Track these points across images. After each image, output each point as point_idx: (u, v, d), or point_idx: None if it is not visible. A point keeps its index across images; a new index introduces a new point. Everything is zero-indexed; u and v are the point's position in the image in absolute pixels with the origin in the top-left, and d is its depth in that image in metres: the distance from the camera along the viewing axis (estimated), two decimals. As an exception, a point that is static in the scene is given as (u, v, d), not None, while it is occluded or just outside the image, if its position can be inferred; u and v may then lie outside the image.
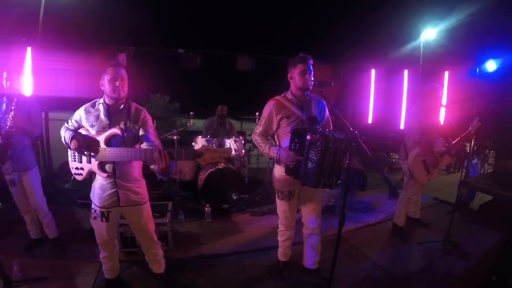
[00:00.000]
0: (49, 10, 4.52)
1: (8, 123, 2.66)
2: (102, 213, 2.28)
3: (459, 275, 2.96)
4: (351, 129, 2.07)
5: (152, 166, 2.13)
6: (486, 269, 3.20)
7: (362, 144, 2.05)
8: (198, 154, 1.94)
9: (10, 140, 2.74)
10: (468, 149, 3.88)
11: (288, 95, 2.51)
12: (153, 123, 2.54)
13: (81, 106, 2.29)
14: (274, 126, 2.49)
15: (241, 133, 5.12)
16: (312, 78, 2.38)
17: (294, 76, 2.42)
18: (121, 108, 2.24)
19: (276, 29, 5.49)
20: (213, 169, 4.17)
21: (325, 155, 2.14)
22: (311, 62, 2.41)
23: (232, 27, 5.43)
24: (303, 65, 2.37)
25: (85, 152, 2.16)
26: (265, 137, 2.55)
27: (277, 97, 2.51)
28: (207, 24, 5.42)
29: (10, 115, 2.66)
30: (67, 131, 2.19)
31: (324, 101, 2.57)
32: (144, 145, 2.22)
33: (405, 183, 3.66)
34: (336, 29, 5.54)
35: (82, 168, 2.25)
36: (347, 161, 2.22)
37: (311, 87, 2.41)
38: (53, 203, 3.60)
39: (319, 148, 2.14)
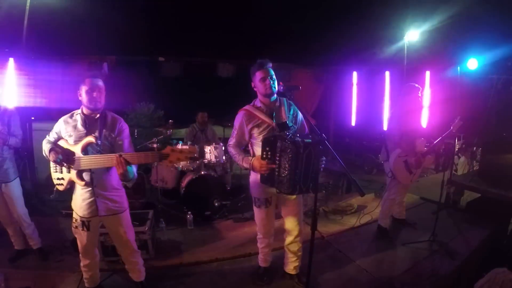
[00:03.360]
0: (32, 22, 4.52)
1: None
2: (83, 222, 2.30)
3: (446, 275, 2.95)
4: (318, 132, 2.07)
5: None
6: (474, 267, 3.21)
7: (329, 146, 2.06)
8: (164, 155, 1.97)
9: None
10: (456, 147, 3.90)
11: (257, 103, 2.50)
12: (135, 132, 2.57)
13: (63, 115, 2.33)
14: (246, 136, 2.49)
15: (223, 139, 5.13)
16: (275, 83, 2.37)
17: (256, 83, 2.42)
18: (97, 118, 2.27)
19: (256, 35, 5.47)
20: (193, 176, 4.17)
21: (297, 161, 2.13)
22: (270, 66, 2.40)
23: (212, 34, 5.42)
24: (262, 72, 2.36)
25: (64, 163, 2.20)
26: (239, 148, 2.54)
27: (246, 107, 2.51)
28: (187, 31, 5.41)
29: None
30: (47, 144, 2.26)
31: (294, 104, 2.54)
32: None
33: (388, 184, 3.66)
34: (317, 32, 5.55)
35: (62, 178, 2.29)
36: (322, 165, 2.22)
37: (275, 93, 2.40)
38: (38, 214, 3.63)
39: (289, 156, 2.14)
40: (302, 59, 5.95)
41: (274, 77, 2.39)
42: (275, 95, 2.46)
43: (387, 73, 6.40)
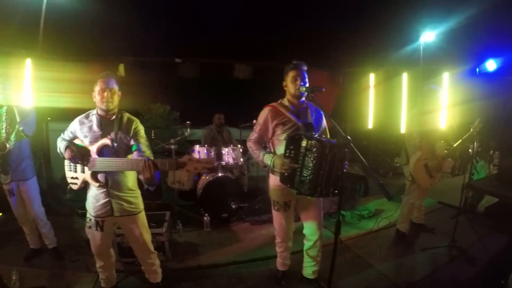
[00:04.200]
0: (48, 22, 4.57)
1: (3, 135, 2.74)
2: (97, 222, 2.29)
3: (466, 281, 2.87)
4: (344, 135, 2.03)
5: (139, 176, 2.14)
6: (493, 273, 3.11)
7: (355, 149, 2.00)
8: (181, 164, 1.94)
9: (3, 151, 2.77)
10: (471, 150, 3.81)
11: (284, 102, 2.49)
12: (152, 133, 2.55)
13: (78, 115, 2.33)
14: (269, 133, 2.46)
15: (240, 141, 5.11)
16: (306, 85, 2.37)
17: (287, 83, 2.43)
18: (113, 119, 2.27)
19: (273, 36, 5.45)
20: (211, 178, 4.15)
21: (322, 162, 2.08)
22: (305, 68, 2.40)
23: (229, 35, 5.42)
24: (294, 72, 2.38)
25: (78, 161, 2.19)
26: (259, 144, 2.51)
27: (273, 104, 2.50)
28: (204, 33, 5.41)
29: (3, 126, 2.75)
30: (62, 142, 2.26)
31: (321, 111, 2.53)
32: (135, 155, 2.23)
33: (407, 188, 3.59)
34: (334, 34, 5.51)
35: (77, 178, 2.29)
36: (345, 169, 2.17)
37: (304, 94, 2.39)
38: (54, 213, 3.64)
39: (315, 155, 2.09)
40: (318, 61, 5.88)
41: (306, 79, 2.38)
42: (304, 97, 2.45)
43: (404, 75, 6.29)
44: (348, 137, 1.99)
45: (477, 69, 5.46)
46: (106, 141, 2.16)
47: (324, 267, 2.66)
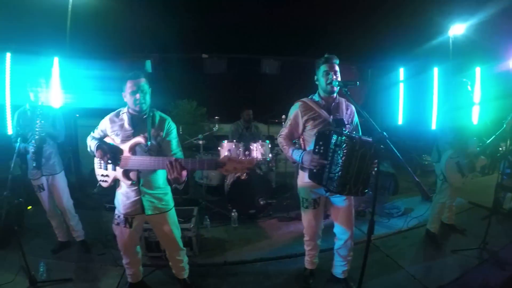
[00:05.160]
0: (75, 21, 4.68)
1: (37, 130, 2.84)
2: (126, 219, 2.30)
3: (496, 286, 2.75)
4: (379, 130, 1.95)
5: (168, 176, 2.12)
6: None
7: (392, 146, 1.92)
8: (220, 164, 1.90)
9: (43, 145, 2.93)
10: (501, 149, 3.63)
11: (315, 97, 2.44)
12: (180, 129, 2.55)
13: (108, 112, 2.33)
14: (300, 128, 2.41)
15: (268, 137, 5.09)
16: (338, 79, 2.30)
17: (319, 77, 2.37)
18: (145, 117, 2.25)
19: (300, 31, 5.35)
20: (239, 174, 4.11)
21: (351, 159, 2.02)
22: (336, 62, 2.34)
23: (256, 30, 5.37)
24: (326, 66, 2.31)
25: (110, 160, 2.19)
26: (290, 140, 2.48)
27: (304, 99, 2.45)
28: (231, 28, 5.38)
29: (38, 123, 2.84)
30: (93, 140, 2.26)
31: (353, 106, 2.47)
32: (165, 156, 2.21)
33: (438, 187, 3.45)
34: (362, 28, 5.36)
35: (107, 175, 2.29)
36: (375, 168, 2.10)
37: (336, 89, 2.33)
38: (82, 207, 3.71)
39: (344, 151, 2.03)
40: (347, 55, 5.68)
41: (338, 73, 2.32)
42: (336, 92, 2.39)
43: (435, 69, 6.07)
44: (384, 132, 1.93)
45: (511, 63, 5.18)
46: (139, 139, 2.15)
47: (353, 266, 2.60)
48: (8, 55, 4.38)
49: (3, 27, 4.31)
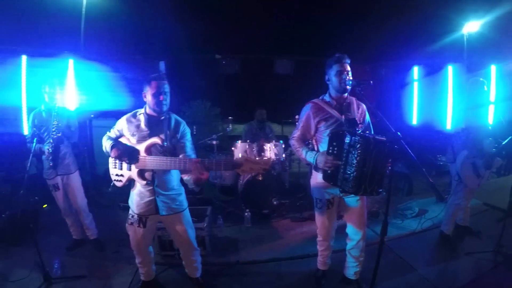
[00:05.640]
0: (89, 24, 4.76)
1: (54, 131, 2.93)
2: (140, 218, 2.33)
3: None
4: (393, 130, 1.93)
5: (184, 177, 2.17)
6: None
7: (406, 146, 1.90)
8: (237, 165, 1.93)
9: (60, 145, 3.02)
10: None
11: (326, 97, 2.42)
12: (194, 129, 2.58)
13: (122, 114, 2.38)
14: (312, 130, 2.41)
15: (281, 137, 5.09)
16: (350, 79, 2.29)
17: (331, 77, 2.35)
18: (162, 119, 2.29)
19: (313, 30, 5.32)
20: (253, 174, 4.11)
21: (366, 159, 2.01)
22: (348, 61, 2.32)
23: (269, 30, 5.36)
24: (339, 65, 2.29)
25: (125, 160, 2.22)
26: (302, 142, 2.47)
27: (315, 100, 2.44)
28: (244, 28, 5.39)
29: (54, 124, 2.93)
30: (108, 140, 2.30)
31: (364, 105, 2.46)
32: (180, 157, 2.24)
33: (453, 188, 3.40)
34: (374, 26, 5.30)
35: (122, 175, 2.31)
36: (389, 167, 2.08)
37: (349, 88, 2.31)
38: (96, 206, 3.78)
39: (358, 151, 2.02)
40: (359, 54, 5.64)
41: (350, 73, 2.30)
42: (347, 92, 2.37)
43: (450, 68, 5.95)
44: (398, 133, 1.91)
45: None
46: (156, 140, 2.19)
47: (365, 267, 2.58)
48: (24, 57, 4.49)
49: (19, 31, 4.43)
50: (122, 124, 2.33)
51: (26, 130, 4.23)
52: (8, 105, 4.32)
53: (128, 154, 2.20)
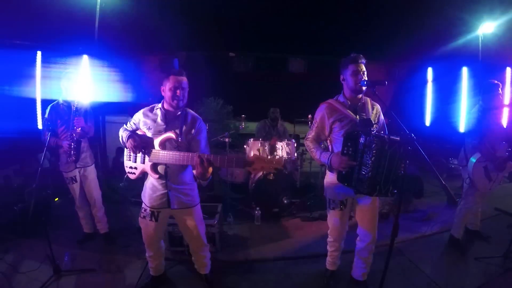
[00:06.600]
0: (103, 20, 4.81)
1: (75, 124, 3.02)
2: (152, 212, 2.36)
3: None
4: (407, 132, 1.92)
5: (194, 172, 2.18)
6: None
7: (419, 147, 1.89)
8: (248, 163, 1.93)
9: (81, 139, 3.11)
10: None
11: (341, 98, 2.40)
12: (206, 125, 2.60)
13: (134, 109, 2.41)
14: (327, 131, 2.40)
15: (294, 136, 5.08)
16: (366, 79, 2.26)
17: (346, 77, 2.32)
18: (178, 115, 2.31)
19: (327, 29, 5.29)
20: (264, 172, 4.11)
21: (381, 159, 2.01)
22: (364, 61, 2.29)
23: (283, 29, 5.36)
24: (354, 65, 2.26)
25: (140, 151, 2.27)
26: (317, 143, 2.47)
27: (329, 100, 2.42)
28: (258, 27, 5.38)
29: (76, 119, 3.01)
30: (125, 131, 2.34)
31: (378, 105, 2.44)
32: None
33: (464, 191, 3.36)
34: (389, 26, 5.24)
35: (135, 168, 2.36)
36: (403, 168, 2.07)
37: (364, 89, 2.29)
38: (107, 201, 3.82)
39: (373, 151, 2.01)
40: (374, 54, 5.58)
41: (366, 73, 2.28)
42: (362, 93, 2.36)
43: (464, 69, 5.87)
44: (412, 134, 1.90)
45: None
46: (171, 134, 2.21)
47: (374, 269, 2.57)
48: (39, 53, 4.56)
49: (34, 27, 4.50)
50: (139, 117, 2.37)
51: (40, 125, 4.32)
52: (22, 100, 4.39)
53: (143, 146, 2.25)
